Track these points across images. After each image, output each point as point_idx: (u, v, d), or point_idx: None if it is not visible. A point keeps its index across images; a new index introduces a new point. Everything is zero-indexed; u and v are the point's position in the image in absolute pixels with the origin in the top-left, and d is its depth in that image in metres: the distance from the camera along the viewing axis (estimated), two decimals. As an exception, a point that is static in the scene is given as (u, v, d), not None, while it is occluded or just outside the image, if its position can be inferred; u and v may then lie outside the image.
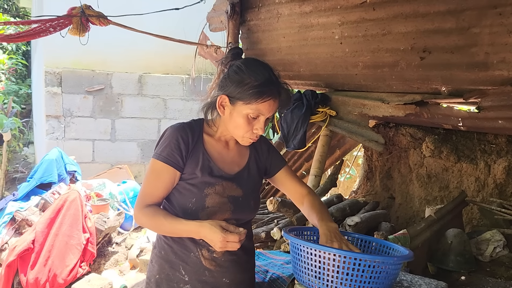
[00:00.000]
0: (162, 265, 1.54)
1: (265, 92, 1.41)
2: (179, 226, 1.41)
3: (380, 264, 1.26)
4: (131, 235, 4.78)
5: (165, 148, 1.46)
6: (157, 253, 1.57)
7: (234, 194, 1.51)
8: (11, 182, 8.27)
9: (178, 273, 1.51)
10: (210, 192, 1.46)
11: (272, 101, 1.43)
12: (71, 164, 4.91)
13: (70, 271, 3.73)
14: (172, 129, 1.50)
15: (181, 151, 1.46)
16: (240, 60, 1.53)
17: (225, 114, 1.49)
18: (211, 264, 1.50)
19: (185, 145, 1.47)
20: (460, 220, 2.71)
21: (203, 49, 4.04)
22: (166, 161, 1.45)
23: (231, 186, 1.51)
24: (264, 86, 1.41)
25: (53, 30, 2.76)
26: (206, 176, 1.47)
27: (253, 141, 1.53)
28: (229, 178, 1.52)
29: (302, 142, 3.25)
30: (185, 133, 1.49)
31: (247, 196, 1.55)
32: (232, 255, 1.52)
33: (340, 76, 3.16)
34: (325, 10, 2.94)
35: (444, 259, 2.25)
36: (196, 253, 1.50)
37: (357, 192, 4.00)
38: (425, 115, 2.79)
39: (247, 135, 1.48)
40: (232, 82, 1.45)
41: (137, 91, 6.62)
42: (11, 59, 11.16)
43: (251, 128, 1.46)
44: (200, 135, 1.53)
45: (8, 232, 3.98)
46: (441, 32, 2.35)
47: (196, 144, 1.50)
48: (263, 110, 1.43)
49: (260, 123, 1.46)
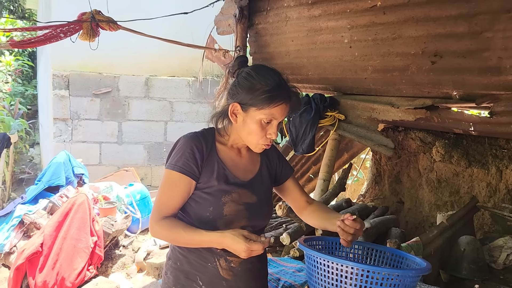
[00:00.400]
0: (177, 276, 1.53)
1: (276, 96, 1.42)
2: (199, 238, 1.39)
3: (398, 277, 1.24)
4: (138, 238, 4.79)
5: (180, 158, 1.45)
6: (172, 264, 1.55)
7: (249, 201, 1.51)
8: (17, 183, 8.31)
9: (195, 283, 1.50)
10: (227, 200, 1.46)
11: (284, 105, 1.44)
12: (78, 167, 4.93)
13: (78, 274, 3.74)
14: (185, 139, 1.49)
15: (196, 161, 1.45)
16: (249, 67, 1.53)
17: (237, 122, 1.48)
18: (228, 274, 1.49)
19: (199, 154, 1.46)
20: (471, 226, 2.69)
21: (211, 53, 4.03)
22: (181, 171, 1.44)
23: (246, 193, 1.51)
24: (275, 90, 1.42)
25: (64, 36, 2.76)
26: (222, 184, 1.47)
27: (266, 148, 1.53)
28: (243, 185, 1.52)
29: (311, 146, 3.23)
30: (199, 142, 1.48)
31: (261, 202, 1.55)
32: (248, 264, 1.52)
33: (349, 80, 3.14)
34: (334, 14, 2.93)
35: (457, 267, 2.23)
36: (214, 263, 1.48)
37: (365, 196, 3.98)
38: (435, 119, 2.76)
39: (261, 141, 1.48)
40: (243, 89, 1.45)
41: (144, 93, 6.63)
42: (18, 60, 11.24)
43: (264, 134, 1.47)
44: (213, 144, 1.53)
45: (16, 235, 4.00)
46: (453, 37, 2.33)
47: (210, 153, 1.50)
48: (276, 114, 1.44)
49: (273, 128, 1.46)
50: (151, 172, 6.74)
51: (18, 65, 11.26)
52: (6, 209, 4.25)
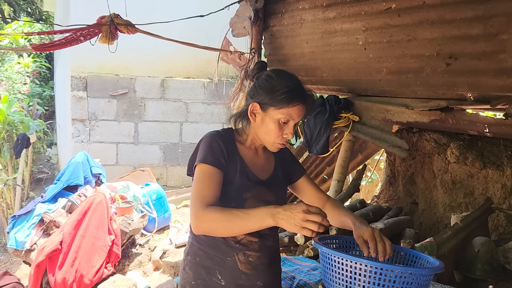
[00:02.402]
0: (197, 271, 1.58)
1: (295, 97, 1.49)
2: (254, 212, 1.32)
3: (411, 275, 1.27)
4: (154, 237, 4.87)
5: (209, 153, 1.49)
6: (191, 259, 1.60)
7: (267, 198, 1.57)
8: (35, 182, 8.49)
9: (214, 277, 1.55)
10: (248, 196, 1.52)
11: (301, 105, 1.51)
12: (96, 166, 5.02)
13: (96, 272, 3.82)
14: (209, 136, 1.55)
15: (223, 154, 1.51)
16: (269, 70, 1.62)
17: (256, 121, 1.55)
18: (247, 268, 1.54)
19: (225, 149, 1.53)
20: (486, 227, 2.68)
21: (226, 55, 4.08)
22: (213, 164, 1.47)
23: (264, 191, 1.57)
24: (294, 91, 1.49)
25: (83, 39, 2.84)
26: (245, 180, 1.53)
27: (282, 147, 1.58)
28: (262, 183, 1.58)
29: (325, 147, 3.25)
30: (222, 139, 1.55)
31: (278, 200, 1.61)
32: (266, 258, 1.58)
33: (364, 81, 3.15)
34: (349, 16, 2.95)
35: (471, 268, 2.24)
36: (233, 257, 1.54)
37: (379, 197, 3.99)
38: (450, 121, 2.77)
39: (278, 140, 1.54)
40: (263, 89, 1.53)
41: (160, 95, 6.72)
42: (35, 62, 11.46)
43: (281, 133, 1.53)
44: (233, 142, 1.60)
45: (37, 233, 4.10)
46: (468, 38, 2.34)
47: (232, 151, 1.57)
48: (293, 115, 1.50)
49: (290, 128, 1.52)
50: (166, 172, 6.83)
51: (36, 67, 11.49)
52: (26, 207, 4.36)
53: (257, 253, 1.54)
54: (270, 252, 1.59)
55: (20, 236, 4.06)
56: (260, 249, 1.56)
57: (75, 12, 6.05)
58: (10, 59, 10.88)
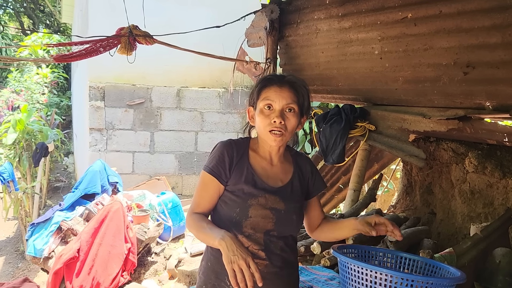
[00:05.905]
0: (208, 275, 1.62)
1: (268, 81, 1.60)
2: (213, 230, 1.49)
3: (432, 285, 1.26)
4: (169, 246, 4.89)
5: (212, 161, 1.60)
6: (204, 264, 1.65)
7: (276, 206, 1.58)
8: (52, 191, 8.61)
9: (223, 283, 1.57)
10: (253, 203, 1.55)
11: (277, 87, 1.57)
12: (113, 175, 5.09)
13: (113, 280, 3.85)
14: (220, 144, 1.64)
15: (225, 164, 1.58)
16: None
17: (255, 123, 1.64)
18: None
19: (229, 159, 1.59)
20: (506, 238, 2.64)
21: (242, 65, 4.12)
22: (211, 172, 1.58)
23: (274, 199, 1.59)
24: (266, 78, 1.63)
25: (103, 50, 2.91)
26: (250, 188, 1.57)
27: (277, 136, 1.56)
28: (272, 191, 1.60)
29: (341, 156, 3.24)
30: (231, 148, 1.61)
31: (289, 210, 1.61)
32: (275, 268, 1.58)
33: (380, 90, 3.15)
34: (364, 25, 2.96)
35: (492, 279, 2.20)
36: None
37: (396, 207, 3.95)
38: (468, 130, 2.74)
39: (268, 127, 1.56)
40: (251, 93, 1.65)
41: (175, 104, 6.79)
42: (53, 72, 11.68)
43: (269, 121, 1.56)
44: (245, 150, 1.64)
45: (55, 240, 4.16)
46: (486, 47, 2.33)
47: (241, 159, 1.61)
48: (272, 96, 1.56)
49: (276, 112, 1.56)
50: (182, 181, 6.87)
51: (54, 77, 11.72)
52: (45, 215, 4.43)
53: (264, 261, 1.55)
54: (280, 261, 1.59)
55: (39, 243, 4.12)
56: (267, 258, 1.57)
57: (93, 24, 6.18)
58: (29, 70, 11.12)
